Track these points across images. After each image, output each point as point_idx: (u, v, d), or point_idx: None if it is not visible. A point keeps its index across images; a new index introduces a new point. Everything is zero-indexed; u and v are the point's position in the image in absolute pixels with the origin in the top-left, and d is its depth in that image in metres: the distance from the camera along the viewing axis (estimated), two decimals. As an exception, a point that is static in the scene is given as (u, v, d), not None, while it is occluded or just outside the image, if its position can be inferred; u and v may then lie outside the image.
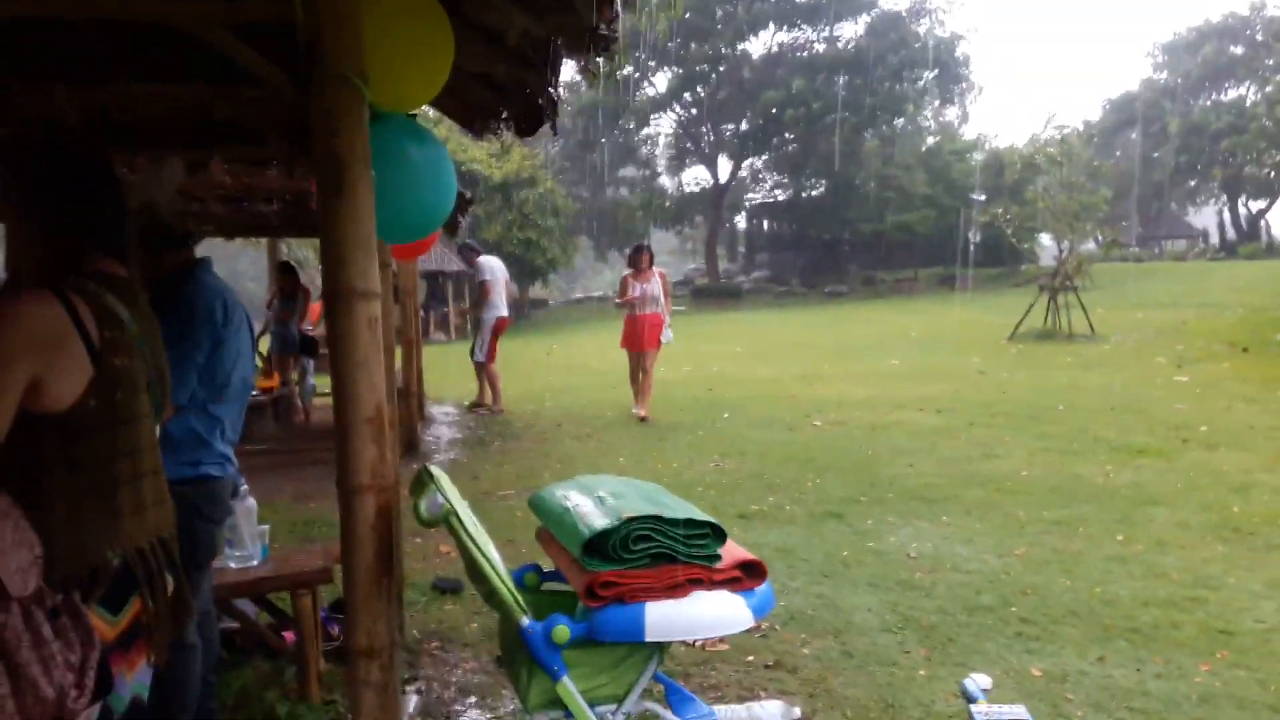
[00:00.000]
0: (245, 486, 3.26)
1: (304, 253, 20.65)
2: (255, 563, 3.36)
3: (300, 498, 6.43)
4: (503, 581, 2.26)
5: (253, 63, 2.40)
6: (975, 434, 8.29)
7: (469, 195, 7.96)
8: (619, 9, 2.12)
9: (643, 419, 9.52)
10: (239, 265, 40.45)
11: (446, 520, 2.17)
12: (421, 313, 18.37)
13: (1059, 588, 4.34)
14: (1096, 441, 7.71)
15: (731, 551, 2.41)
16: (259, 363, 9.10)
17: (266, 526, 3.49)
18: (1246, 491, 5.96)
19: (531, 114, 3.24)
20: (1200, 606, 4.04)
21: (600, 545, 2.24)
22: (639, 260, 9.65)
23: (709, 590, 2.31)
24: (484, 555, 2.20)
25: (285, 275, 9.78)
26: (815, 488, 6.49)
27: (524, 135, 3.33)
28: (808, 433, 8.71)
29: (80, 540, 1.70)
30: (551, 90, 2.99)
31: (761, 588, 2.40)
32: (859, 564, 4.78)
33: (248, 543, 3.34)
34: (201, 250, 3.30)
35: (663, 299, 9.57)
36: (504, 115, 3.43)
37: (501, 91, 3.28)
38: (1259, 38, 42.41)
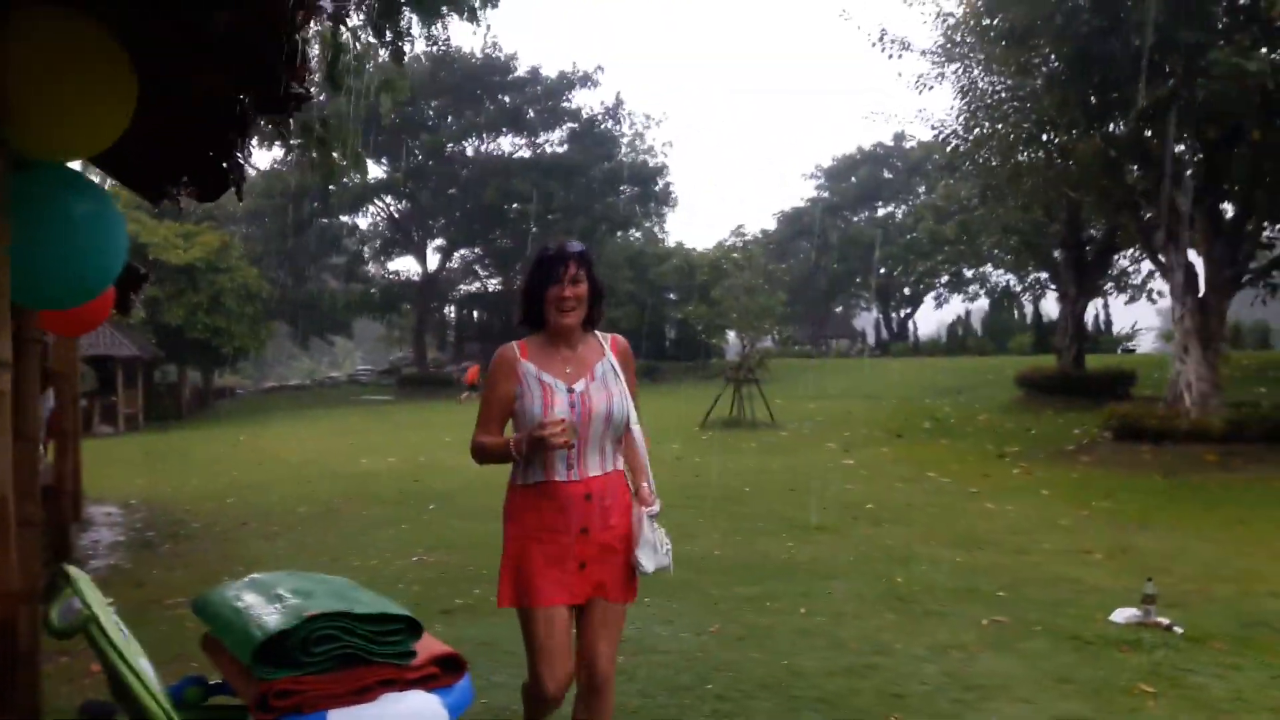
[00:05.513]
0: None
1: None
2: None
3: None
4: (155, 700, 1.94)
5: None
6: (673, 516, 8.57)
7: (144, 272, 7.21)
8: (314, 68, 2.02)
9: None
10: None
11: (85, 629, 1.84)
12: (84, 401, 16.30)
13: (751, 662, 4.52)
14: (780, 520, 8.30)
15: (427, 647, 2.25)
16: None
17: None
18: (908, 563, 6.64)
19: (215, 179, 2.99)
20: (875, 673, 4.36)
21: (276, 650, 2.00)
22: (557, 279, 2.58)
23: (401, 691, 2.13)
24: (131, 669, 1.88)
25: None
26: (521, 578, 6.38)
27: (205, 201, 3.07)
28: (515, 522, 8.61)
29: None
30: (238, 154, 2.77)
31: (460, 684, 2.26)
32: (564, 653, 4.71)
33: None
34: None
35: (636, 422, 2.77)
36: (183, 180, 3.15)
37: (180, 153, 3.00)
38: (899, 164, 49.67)
